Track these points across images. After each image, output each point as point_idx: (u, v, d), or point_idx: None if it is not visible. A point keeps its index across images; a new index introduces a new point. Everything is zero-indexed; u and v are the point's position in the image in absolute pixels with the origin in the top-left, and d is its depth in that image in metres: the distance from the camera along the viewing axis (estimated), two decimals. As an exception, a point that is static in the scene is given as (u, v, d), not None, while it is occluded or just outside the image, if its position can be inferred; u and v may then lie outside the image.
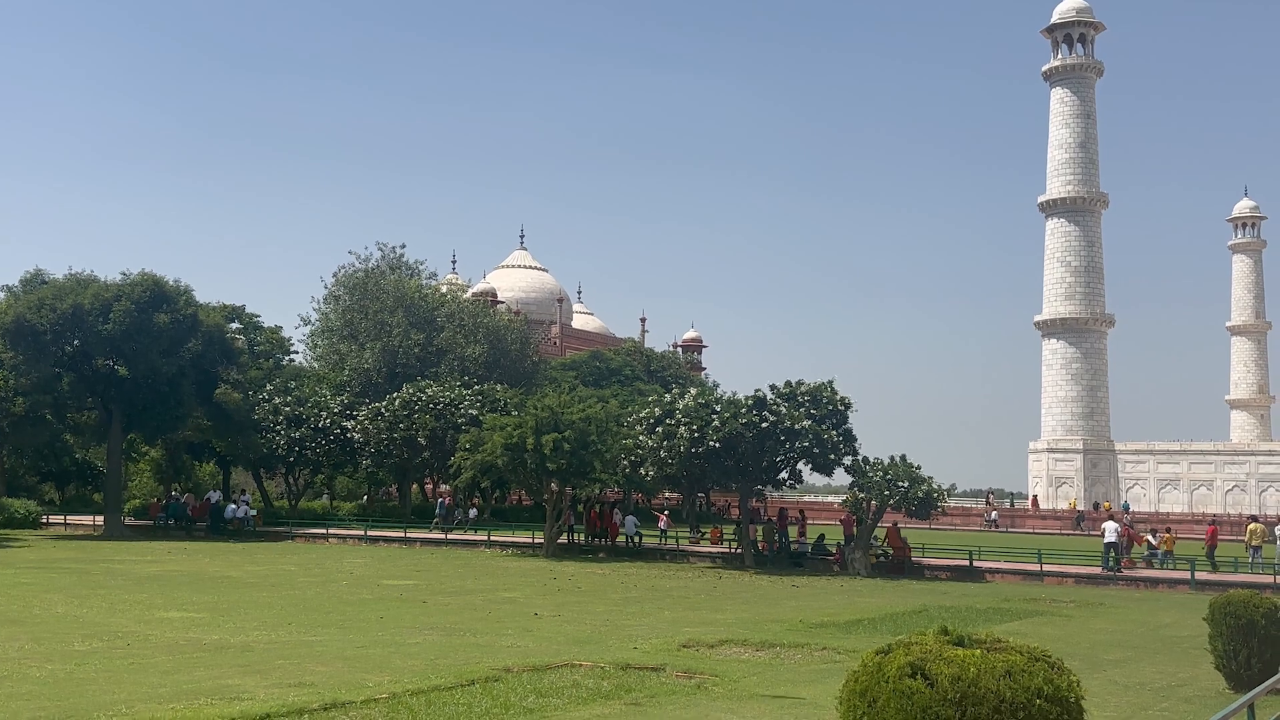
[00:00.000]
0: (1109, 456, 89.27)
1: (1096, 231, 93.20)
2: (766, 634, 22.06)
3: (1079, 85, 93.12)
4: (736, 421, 40.79)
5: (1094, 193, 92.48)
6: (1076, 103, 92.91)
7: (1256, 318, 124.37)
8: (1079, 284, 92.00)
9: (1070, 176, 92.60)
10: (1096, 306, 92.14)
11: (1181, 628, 23.82)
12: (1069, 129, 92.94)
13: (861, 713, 7.52)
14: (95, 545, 44.42)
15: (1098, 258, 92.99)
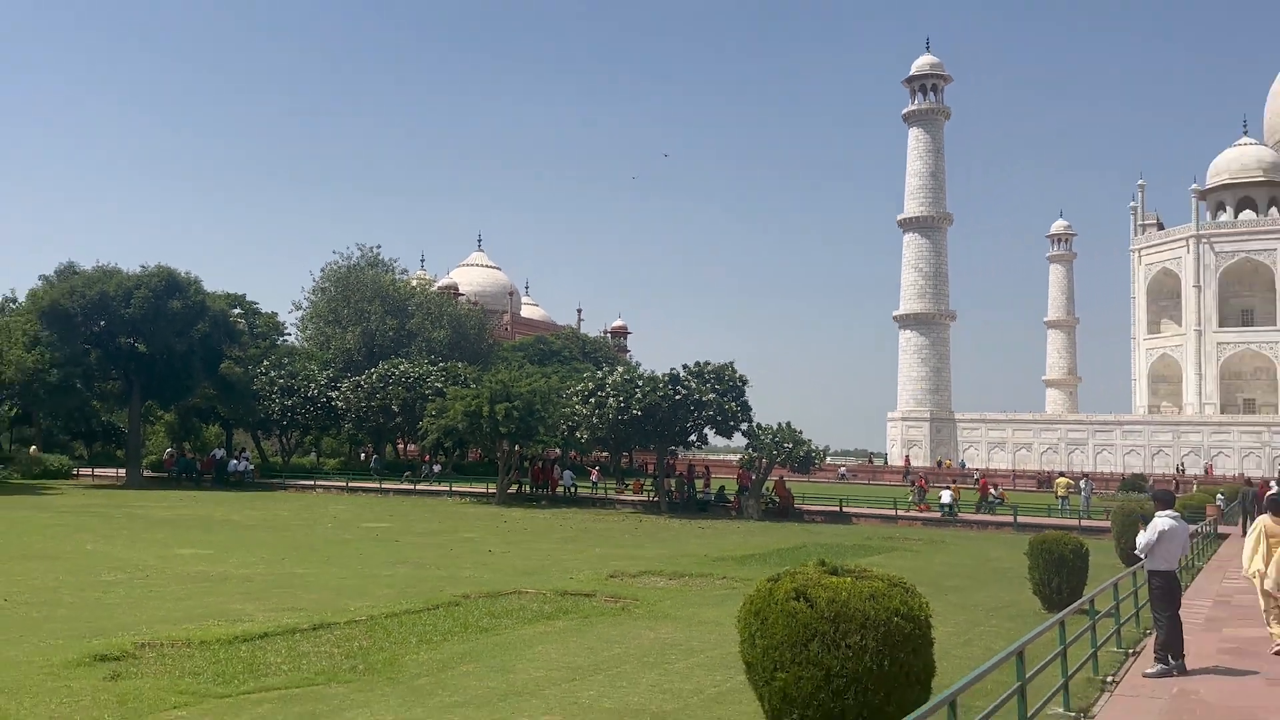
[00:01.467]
0: (950, 424, 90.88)
1: (943, 243, 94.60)
2: (678, 566, 22.17)
3: (931, 126, 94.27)
4: (655, 394, 40.94)
5: (941, 212, 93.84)
6: (929, 140, 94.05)
7: (1068, 315, 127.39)
8: (928, 286, 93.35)
9: (923, 199, 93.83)
10: (942, 304, 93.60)
11: (1006, 561, 24.08)
12: (922, 161, 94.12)
13: (755, 629, 7.58)
14: (118, 494, 43.25)
15: (944, 265, 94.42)
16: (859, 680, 7.01)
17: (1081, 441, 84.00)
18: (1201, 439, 79.01)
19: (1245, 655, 11.20)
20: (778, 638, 7.32)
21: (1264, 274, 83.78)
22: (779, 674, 7.27)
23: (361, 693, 10.16)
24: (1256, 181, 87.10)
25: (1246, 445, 77.10)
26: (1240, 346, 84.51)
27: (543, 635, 13.59)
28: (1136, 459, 79.29)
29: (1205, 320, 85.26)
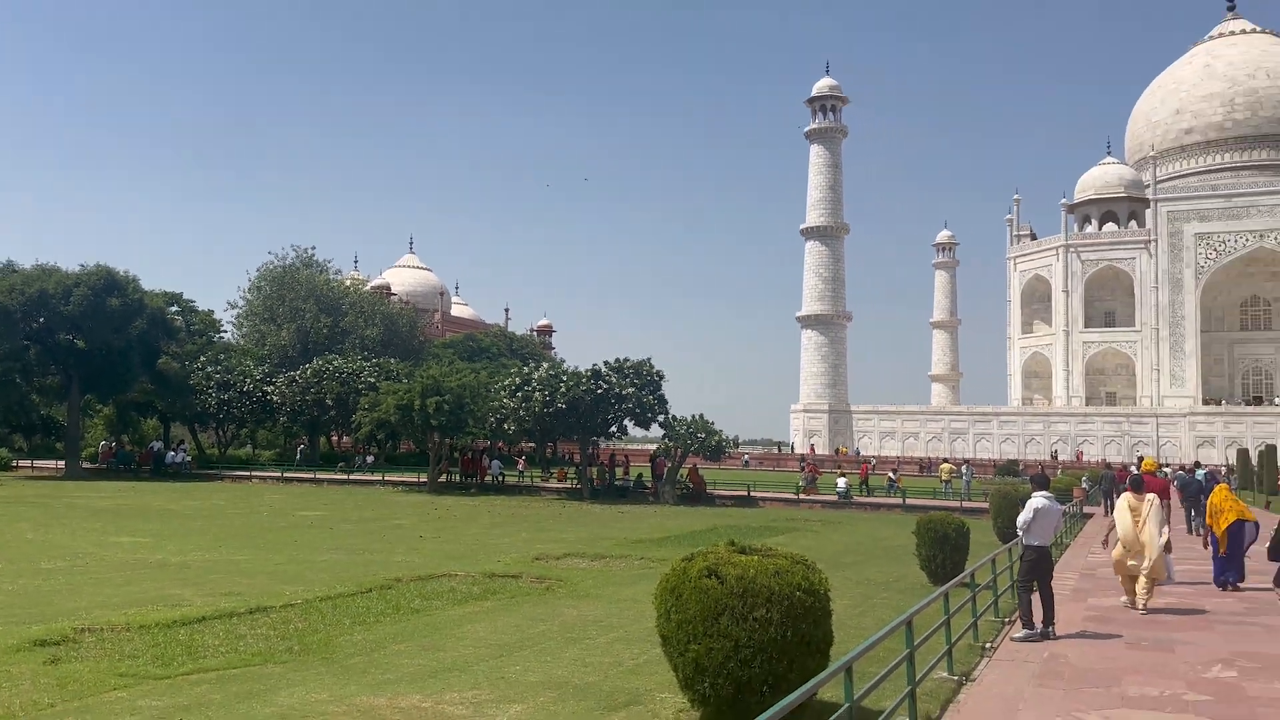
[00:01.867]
0: (847, 415, 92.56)
1: (841, 251, 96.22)
2: (599, 548, 22.16)
3: (830, 143, 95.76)
4: (578, 389, 40.84)
5: (839, 223, 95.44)
6: (828, 156, 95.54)
7: (951, 316, 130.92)
8: (828, 289, 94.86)
9: (823, 210, 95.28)
10: (840, 306, 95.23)
11: (896, 539, 24.47)
12: (822, 175, 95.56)
13: (671, 605, 7.63)
14: (57, 485, 41.46)
15: (841, 270, 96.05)
16: (765, 650, 7.11)
17: (963, 431, 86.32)
18: (1069, 428, 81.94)
19: (1107, 622, 11.67)
20: (691, 612, 7.39)
21: (1124, 280, 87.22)
22: (692, 646, 7.34)
23: (297, 672, 9.92)
24: (1118, 197, 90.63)
25: (1108, 434, 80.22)
26: (1103, 345, 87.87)
27: (472, 615, 13.45)
28: (1011, 447, 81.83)
29: (1072, 322, 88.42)
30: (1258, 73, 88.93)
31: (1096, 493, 35.42)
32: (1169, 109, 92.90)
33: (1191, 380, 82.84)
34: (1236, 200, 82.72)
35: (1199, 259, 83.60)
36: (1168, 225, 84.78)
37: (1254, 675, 8.81)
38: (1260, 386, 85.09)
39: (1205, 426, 76.67)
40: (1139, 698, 7.99)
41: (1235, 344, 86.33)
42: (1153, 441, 77.33)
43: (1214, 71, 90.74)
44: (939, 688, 8.45)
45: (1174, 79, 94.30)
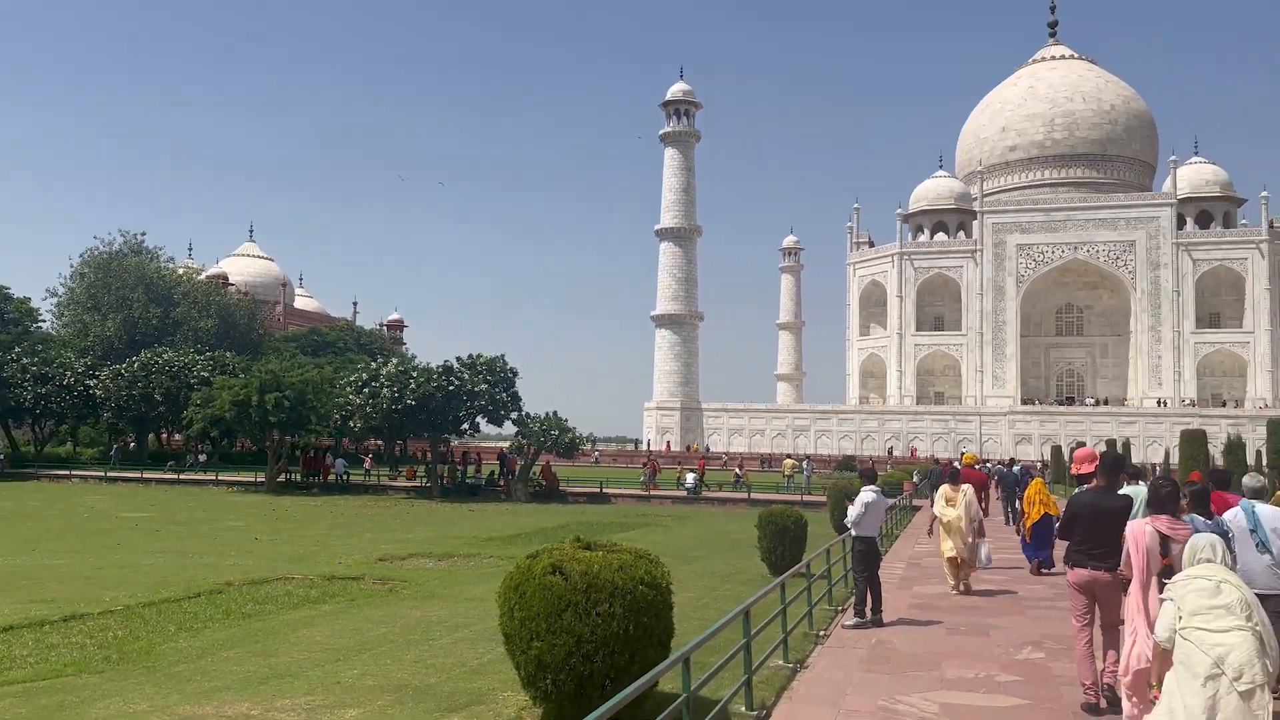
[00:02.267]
0: (698, 413, 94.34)
1: (693, 252, 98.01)
2: (447, 548, 21.78)
3: (684, 146, 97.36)
4: (429, 385, 40.02)
5: (692, 225, 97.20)
6: (681, 159, 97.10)
7: (796, 318, 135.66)
8: (681, 290, 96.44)
9: (677, 212, 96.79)
10: (692, 306, 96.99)
11: (740, 533, 24.86)
12: (676, 178, 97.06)
13: (514, 603, 7.57)
14: None
15: (694, 271, 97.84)
16: (607, 644, 7.15)
17: (805, 428, 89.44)
18: (901, 426, 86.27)
19: (931, 609, 12.33)
20: (534, 609, 7.35)
21: (953, 287, 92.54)
22: (535, 643, 7.30)
23: (114, 682, 9.30)
24: (948, 208, 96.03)
25: (936, 431, 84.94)
26: (932, 348, 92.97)
27: (308, 619, 12.95)
28: (849, 443, 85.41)
29: (905, 325, 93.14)
30: (1075, 96, 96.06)
31: (925, 486, 37.38)
32: (996, 127, 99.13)
33: (1012, 381, 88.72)
34: (1054, 214, 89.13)
35: (1020, 268, 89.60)
36: (992, 236, 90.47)
37: (1058, 656, 9.49)
38: (1072, 388, 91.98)
39: (1023, 425, 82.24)
40: (956, 680, 8.48)
41: (1051, 348, 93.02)
42: (976, 438, 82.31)
43: (1036, 93, 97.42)
44: (775, 675, 8.71)
45: (1000, 99, 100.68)
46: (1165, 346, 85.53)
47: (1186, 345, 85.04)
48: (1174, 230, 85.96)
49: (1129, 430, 74.91)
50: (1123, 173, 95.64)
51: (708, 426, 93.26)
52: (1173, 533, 6.62)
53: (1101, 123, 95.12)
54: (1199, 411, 76.48)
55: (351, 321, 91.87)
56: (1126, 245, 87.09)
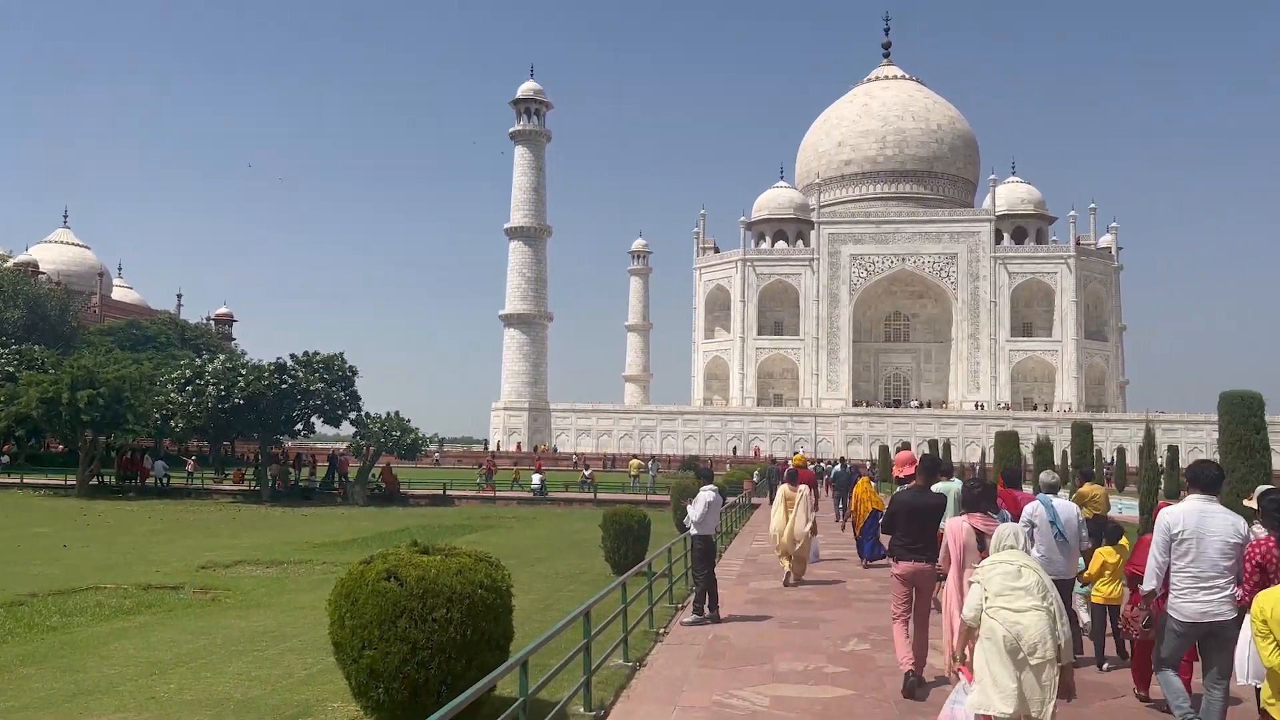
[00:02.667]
0: (546, 413, 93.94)
1: (544, 252, 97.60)
2: (276, 554, 20.83)
3: (534, 146, 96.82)
4: (260, 383, 38.17)
5: (542, 224, 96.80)
6: (531, 158, 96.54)
7: (644, 320, 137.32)
8: (530, 289, 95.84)
9: (527, 211, 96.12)
10: (541, 306, 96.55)
11: (585, 533, 24.78)
12: (526, 177, 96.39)
13: (345, 611, 7.30)
14: None
15: (544, 271, 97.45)
16: (443, 650, 6.99)
17: (652, 428, 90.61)
18: (743, 426, 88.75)
19: (765, 604, 12.69)
20: (367, 617, 7.11)
21: (791, 293, 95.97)
22: (367, 651, 7.06)
23: (-112, 712, 8.39)
24: (788, 218, 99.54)
25: (775, 432, 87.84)
26: (773, 351, 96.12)
27: (120, 631, 12.10)
28: (694, 443, 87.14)
29: (747, 329, 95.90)
30: (905, 115, 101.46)
31: (764, 485, 38.57)
32: (833, 141, 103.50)
33: (844, 384, 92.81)
34: (884, 227, 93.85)
35: (853, 277, 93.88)
36: (828, 246, 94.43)
37: (882, 647, 9.94)
38: (899, 391, 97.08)
39: (854, 426, 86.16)
40: (788, 672, 8.76)
41: (880, 353, 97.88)
42: (812, 439, 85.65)
43: (870, 111, 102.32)
44: (614, 675, 8.74)
45: (838, 114, 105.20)
46: (983, 353, 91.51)
47: (1002, 352, 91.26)
48: (992, 245, 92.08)
49: (950, 431, 79.66)
50: (947, 189, 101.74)
51: (556, 427, 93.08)
52: (986, 529, 7.16)
53: (929, 141, 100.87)
54: (1012, 414, 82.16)
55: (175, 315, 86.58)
56: (949, 258, 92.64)
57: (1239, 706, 6.66)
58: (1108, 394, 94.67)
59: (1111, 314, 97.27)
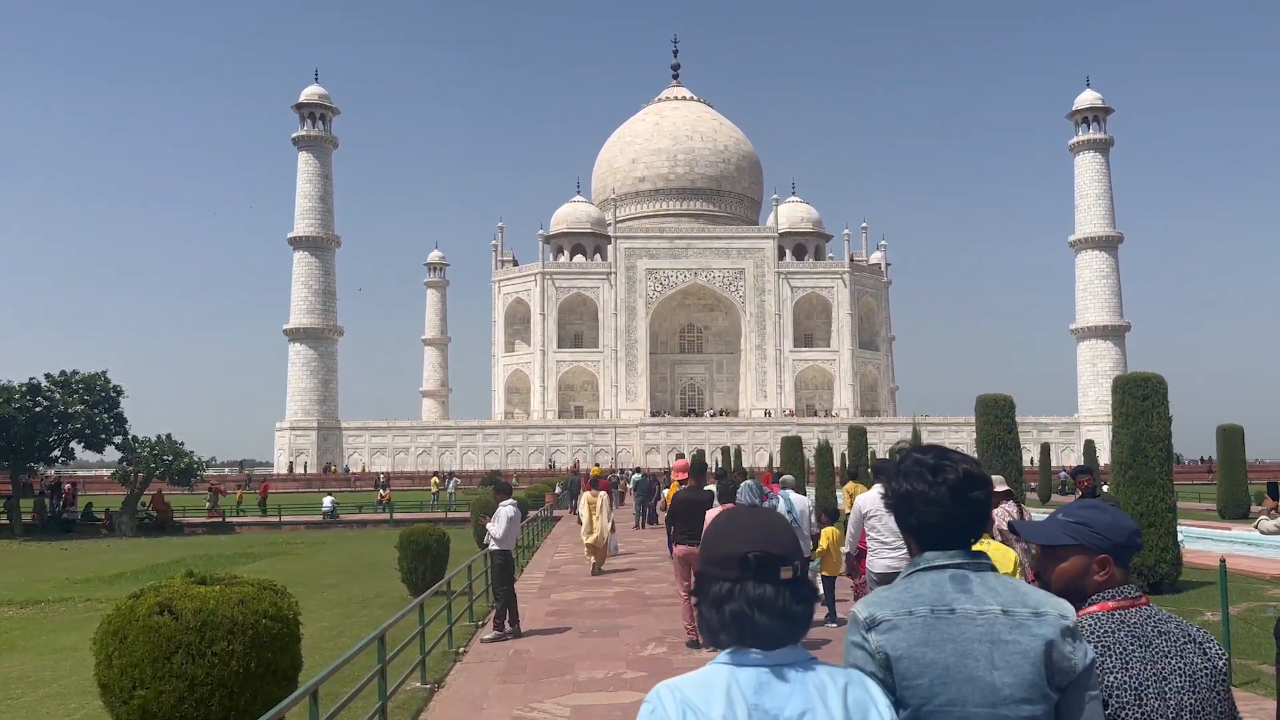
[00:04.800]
0: (337, 432, 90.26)
1: (332, 263, 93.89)
2: (32, 593, 18.90)
3: (320, 152, 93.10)
4: (9, 406, 34.45)
5: (330, 234, 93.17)
6: (317, 165, 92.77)
7: (441, 334, 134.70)
8: (318, 302, 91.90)
9: (312, 220, 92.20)
10: (330, 320, 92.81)
11: (381, 555, 23.90)
12: (311, 184, 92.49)
13: (113, 649, 6.75)
14: None
15: (332, 283, 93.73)
16: (225, 685, 6.60)
17: (451, 444, 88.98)
18: (545, 439, 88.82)
19: (566, 615, 12.79)
20: (138, 655, 6.59)
21: (590, 306, 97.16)
22: (139, 691, 6.55)
23: None
24: (586, 232, 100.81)
25: (577, 443, 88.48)
26: (573, 364, 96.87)
27: None
28: (495, 458, 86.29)
29: (548, 342, 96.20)
30: (694, 135, 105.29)
31: (565, 497, 38.78)
32: (627, 158, 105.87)
33: (643, 395, 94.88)
34: (678, 242, 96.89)
35: (649, 290, 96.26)
36: (625, 260, 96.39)
37: (679, 649, 10.27)
38: (694, 400, 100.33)
39: (653, 435, 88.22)
40: (588, 681, 8.88)
41: (676, 364, 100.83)
42: (612, 449, 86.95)
43: (662, 129, 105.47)
44: (411, 698, 8.56)
45: (631, 132, 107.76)
46: (769, 363, 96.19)
47: (786, 362, 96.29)
48: (775, 260, 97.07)
49: (740, 438, 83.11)
50: (734, 207, 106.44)
51: (348, 446, 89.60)
52: None
53: (717, 160, 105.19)
54: (797, 420, 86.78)
55: (-95, 332, 76.63)
56: (738, 272, 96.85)
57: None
58: (880, 399, 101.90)
59: (882, 325, 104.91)
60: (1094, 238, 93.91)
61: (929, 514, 2.14)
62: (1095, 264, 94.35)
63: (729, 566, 1.88)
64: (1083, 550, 2.37)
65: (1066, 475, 51.80)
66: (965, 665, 2.00)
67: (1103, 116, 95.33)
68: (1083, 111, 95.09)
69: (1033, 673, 1.99)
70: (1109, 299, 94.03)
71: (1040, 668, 2.00)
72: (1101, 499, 9.68)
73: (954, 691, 1.99)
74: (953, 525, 2.14)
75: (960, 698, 1.98)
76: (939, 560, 2.13)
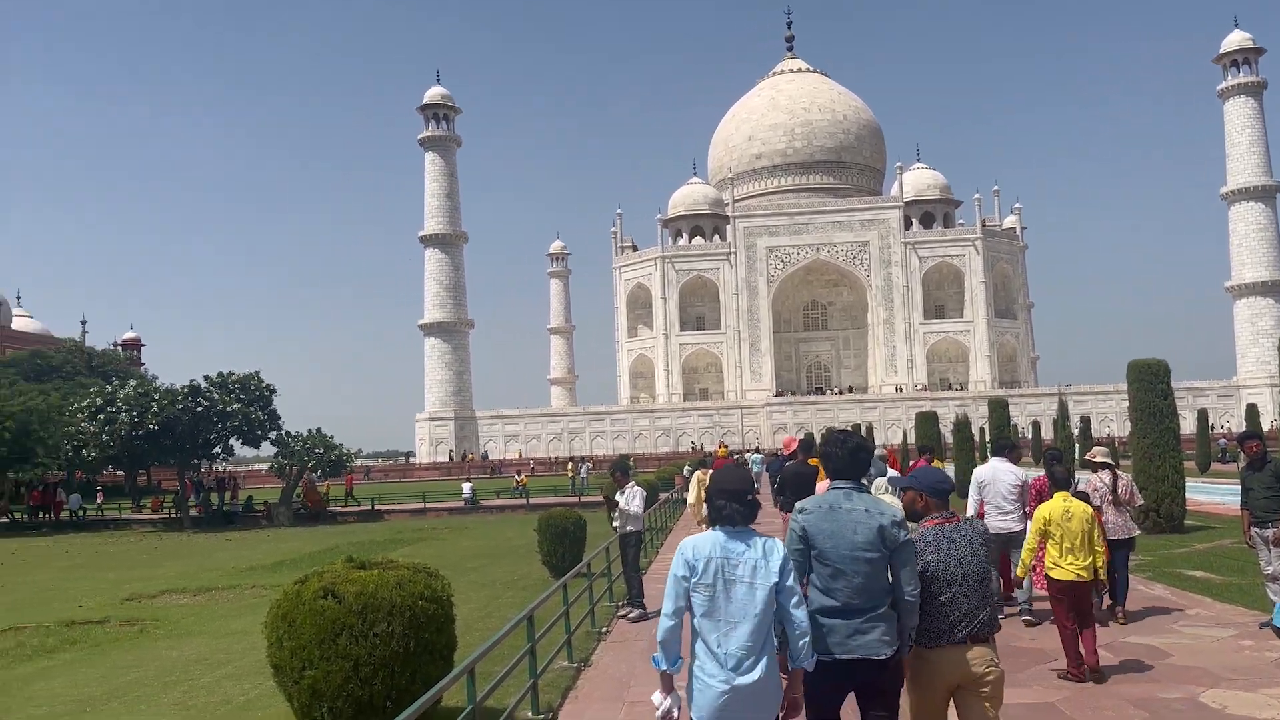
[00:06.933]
0: (472, 421, 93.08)
1: (460, 258, 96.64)
2: (203, 581, 20.24)
3: (445, 152, 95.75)
4: (174, 407, 36.97)
5: (457, 230, 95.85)
6: (443, 164, 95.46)
7: (566, 323, 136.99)
8: (449, 297, 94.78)
9: (441, 218, 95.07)
10: (461, 313, 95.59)
11: (520, 539, 24.49)
12: (438, 183, 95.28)
13: (283, 632, 7.14)
14: None
15: (461, 278, 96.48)
16: (386, 665, 6.90)
17: (580, 430, 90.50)
18: (671, 422, 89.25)
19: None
20: (306, 637, 6.96)
21: (711, 288, 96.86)
22: (308, 671, 6.92)
23: None
24: (704, 213, 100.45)
25: (703, 425, 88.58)
26: (696, 346, 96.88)
27: (44, 671, 11.63)
28: (623, 442, 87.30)
29: (670, 326, 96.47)
30: (812, 107, 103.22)
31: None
32: (743, 135, 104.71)
33: (768, 375, 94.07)
34: (798, 218, 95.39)
35: (770, 269, 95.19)
36: (744, 239, 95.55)
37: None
38: (821, 379, 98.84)
39: (779, 415, 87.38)
40: (731, 659, 8.87)
41: (800, 342, 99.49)
42: (739, 430, 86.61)
43: (778, 104, 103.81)
44: (560, 677, 8.75)
45: (746, 109, 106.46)
46: (899, 337, 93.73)
47: (917, 335, 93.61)
48: (901, 231, 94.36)
49: (871, 415, 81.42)
50: (856, 178, 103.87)
51: (483, 434, 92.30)
52: None
53: (836, 132, 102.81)
54: (930, 395, 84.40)
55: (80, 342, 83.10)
56: (862, 245, 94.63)
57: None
58: (1020, 370, 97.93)
59: (1019, 292, 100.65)
60: (1248, 188, 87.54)
61: (837, 462, 4.45)
62: (1251, 216, 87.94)
63: (721, 494, 4.13)
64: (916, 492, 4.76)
65: (1226, 443, 48.66)
66: (841, 532, 4.22)
67: (1254, 58, 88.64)
68: (1231, 54, 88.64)
69: (875, 537, 4.18)
70: (1267, 252, 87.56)
71: (877, 536, 4.19)
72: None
73: (834, 543, 4.21)
74: (847, 469, 4.44)
75: (836, 545, 4.20)
76: (839, 485, 4.41)
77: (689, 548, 4.02)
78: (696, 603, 3.95)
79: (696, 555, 3.98)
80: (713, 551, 3.97)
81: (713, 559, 3.95)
